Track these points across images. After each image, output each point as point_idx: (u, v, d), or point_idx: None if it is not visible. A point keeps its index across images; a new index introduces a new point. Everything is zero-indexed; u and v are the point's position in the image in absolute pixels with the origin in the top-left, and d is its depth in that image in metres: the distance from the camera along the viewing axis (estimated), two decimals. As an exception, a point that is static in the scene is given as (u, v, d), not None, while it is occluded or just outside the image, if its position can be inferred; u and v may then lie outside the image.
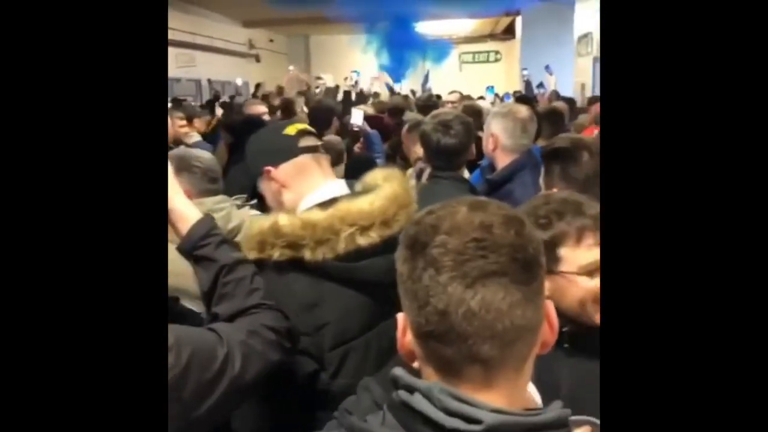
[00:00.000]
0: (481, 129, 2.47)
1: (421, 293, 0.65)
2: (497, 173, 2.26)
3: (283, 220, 1.14)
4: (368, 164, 2.47)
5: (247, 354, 0.96)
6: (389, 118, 4.73)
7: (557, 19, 10.38)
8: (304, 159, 1.31)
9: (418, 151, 2.47)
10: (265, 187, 1.33)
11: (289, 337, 1.06)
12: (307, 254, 1.14)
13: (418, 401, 0.65)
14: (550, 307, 0.70)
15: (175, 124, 3.98)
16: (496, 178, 2.23)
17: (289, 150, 1.30)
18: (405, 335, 0.71)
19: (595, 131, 3.74)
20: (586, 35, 9.49)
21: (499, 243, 0.64)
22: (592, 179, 1.51)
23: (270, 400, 1.16)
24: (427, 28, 12.82)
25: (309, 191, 1.29)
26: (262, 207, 1.45)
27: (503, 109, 2.37)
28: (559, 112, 3.56)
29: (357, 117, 3.82)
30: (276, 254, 1.14)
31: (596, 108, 4.65)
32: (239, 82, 7.94)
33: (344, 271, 1.18)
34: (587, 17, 9.39)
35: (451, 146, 2.09)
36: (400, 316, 0.71)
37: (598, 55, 8.43)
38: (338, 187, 1.32)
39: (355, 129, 3.84)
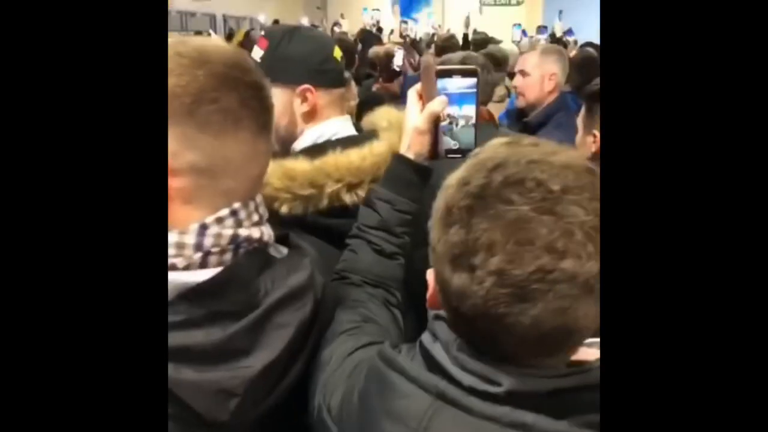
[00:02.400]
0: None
1: (468, 311, 0.58)
2: (534, 115, 2.24)
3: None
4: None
5: None
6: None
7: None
8: (341, 90, 1.20)
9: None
10: (285, 106, 1.15)
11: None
12: (284, 208, 1.03)
13: (437, 352, 0.63)
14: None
15: None
16: (534, 120, 2.21)
17: (335, 76, 1.18)
18: (435, 295, 0.65)
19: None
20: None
21: (573, 274, 0.55)
22: None
23: None
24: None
25: (314, 122, 1.18)
26: None
27: (550, 48, 2.32)
28: (593, 59, 3.49)
29: (398, 57, 3.73)
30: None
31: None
32: (262, 18, 7.68)
33: (325, 227, 1.07)
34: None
35: None
36: (431, 276, 0.66)
37: (626, -1, 8.15)
38: (346, 123, 1.20)
39: (397, 69, 3.74)
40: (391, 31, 7.95)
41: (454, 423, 0.59)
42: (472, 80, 0.93)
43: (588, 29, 8.24)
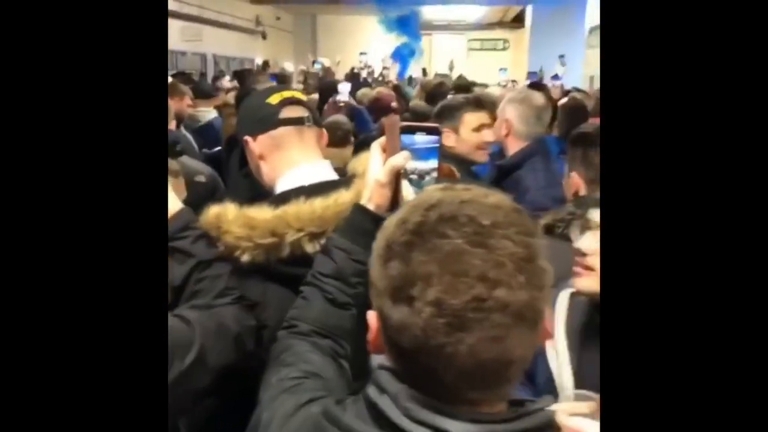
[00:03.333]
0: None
1: (408, 345, 0.59)
2: (507, 159, 2.23)
3: (230, 213, 1.03)
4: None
5: (205, 351, 0.91)
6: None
7: (568, 9, 10.28)
8: (283, 131, 1.17)
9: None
10: (249, 159, 1.22)
11: (252, 337, 1.00)
12: (245, 257, 1.01)
13: (385, 404, 0.62)
14: (548, 320, 0.65)
15: (184, 101, 3.79)
16: (505, 164, 2.21)
17: (268, 120, 1.18)
18: (378, 337, 0.66)
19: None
20: (597, 27, 9.39)
21: (505, 302, 0.57)
22: None
23: (214, 397, 1.07)
24: (435, 13, 12.71)
25: (287, 168, 1.17)
26: None
27: (519, 95, 2.33)
28: (582, 106, 3.53)
29: (344, 91, 3.71)
30: (221, 247, 1.02)
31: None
32: (259, 60, 7.80)
33: (288, 276, 1.04)
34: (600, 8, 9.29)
35: None
36: (372, 317, 0.66)
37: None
38: (322, 169, 1.19)
39: (341, 104, 3.72)
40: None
41: None
42: (435, 137, 0.96)
43: (572, 76, 8.42)
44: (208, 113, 3.93)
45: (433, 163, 0.96)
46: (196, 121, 3.82)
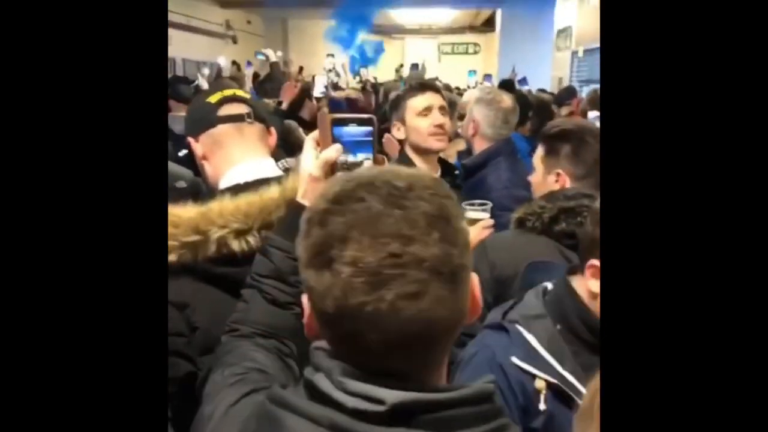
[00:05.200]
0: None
1: (332, 309, 0.61)
2: (471, 159, 2.25)
3: None
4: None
5: None
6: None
7: (537, 12, 10.40)
8: (222, 129, 1.17)
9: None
10: (196, 161, 1.22)
11: None
12: (171, 256, 0.99)
13: (320, 380, 0.63)
14: (474, 286, 0.68)
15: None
16: (469, 163, 2.21)
17: (207, 118, 1.17)
18: (311, 320, 0.67)
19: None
20: (565, 29, 9.51)
21: (420, 257, 0.59)
22: (596, 163, 1.48)
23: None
24: (406, 17, 12.75)
25: (227, 166, 1.16)
26: None
27: (487, 96, 2.33)
28: (547, 104, 3.57)
29: (320, 84, 3.68)
30: None
31: (576, 101, 4.70)
32: (222, 62, 7.74)
33: (217, 276, 1.03)
34: (567, 11, 9.41)
35: None
36: (305, 300, 0.68)
37: (577, 49, 8.47)
38: (265, 166, 1.17)
39: (318, 96, 3.67)
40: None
41: None
42: (368, 128, 0.95)
43: (540, 78, 8.51)
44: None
45: (366, 157, 0.95)
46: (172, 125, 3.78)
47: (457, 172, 2.09)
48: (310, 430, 0.62)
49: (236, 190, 1.08)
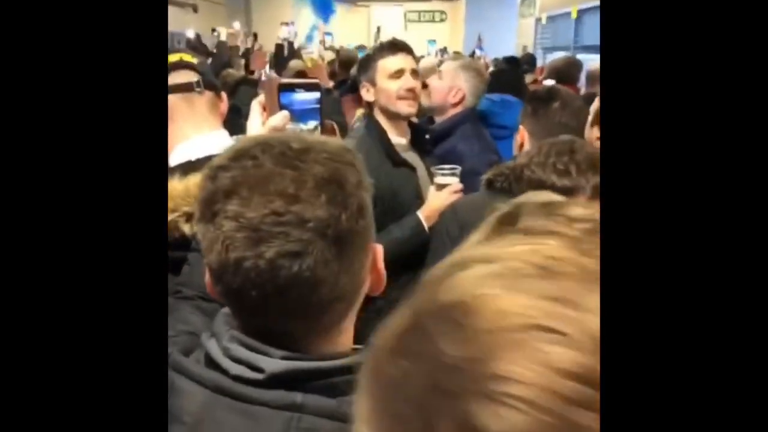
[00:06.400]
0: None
1: (215, 264, 0.61)
2: (438, 125, 2.26)
3: None
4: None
5: None
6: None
7: (502, -21, 10.36)
8: (171, 101, 1.08)
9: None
10: None
11: None
12: None
13: (211, 346, 0.65)
14: (377, 257, 0.67)
15: None
16: (436, 129, 2.23)
17: None
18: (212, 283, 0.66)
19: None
20: (529, -3, 9.52)
21: (303, 218, 0.58)
22: (556, 128, 1.52)
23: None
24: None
25: (177, 141, 1.09)
26: None
27: (472, 65, 2.38)
28: (505, 71, 3.63)
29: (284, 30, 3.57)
30: None
31: (539, 69, 4.77)
32: (190, 34, 7.42)
33: (170, 260, 0.97)
34: (531, -22, 9.40)
35: None
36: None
37: (540, 16, 8.50)
38: (217, 139, 1.09)
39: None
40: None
41: (230, 412, 0.62)
42: (316, 95, 0.92)
43: (506, 46, 8.53)
44: None
45: (313, 124, 0.92)
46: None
47: (427, 136, 2.05)
48: (196, 391, 0.64)
49: (187, 168, 1.03)
